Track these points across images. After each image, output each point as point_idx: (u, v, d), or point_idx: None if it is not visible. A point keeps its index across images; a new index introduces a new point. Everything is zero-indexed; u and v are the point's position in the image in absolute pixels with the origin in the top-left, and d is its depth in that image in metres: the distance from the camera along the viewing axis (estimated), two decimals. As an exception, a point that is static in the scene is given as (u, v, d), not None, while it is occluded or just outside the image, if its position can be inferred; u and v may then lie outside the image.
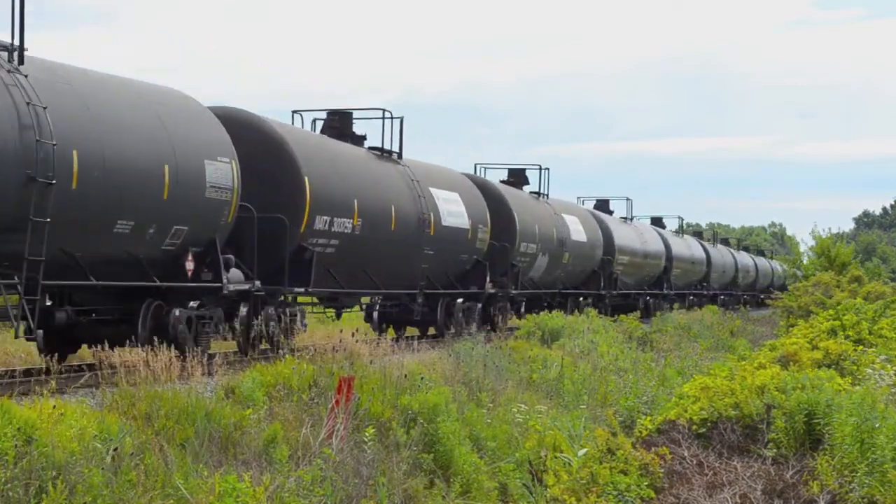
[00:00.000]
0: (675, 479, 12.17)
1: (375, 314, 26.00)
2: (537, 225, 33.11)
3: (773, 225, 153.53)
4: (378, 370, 15.04)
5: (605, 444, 12.59)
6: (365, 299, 25.63)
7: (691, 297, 55.61)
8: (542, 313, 29.69)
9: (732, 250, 71.57)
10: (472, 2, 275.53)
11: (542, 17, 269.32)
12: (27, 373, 15.97)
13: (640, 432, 13.76)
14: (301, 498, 10.51)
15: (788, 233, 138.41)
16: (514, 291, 30.85)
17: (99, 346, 14.98)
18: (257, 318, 18.48)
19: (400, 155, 25.42)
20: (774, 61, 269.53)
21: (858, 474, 11.09)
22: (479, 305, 28.59)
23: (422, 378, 14.84)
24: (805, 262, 56.28)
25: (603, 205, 47.92)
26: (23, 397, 11.95)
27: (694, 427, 13.38)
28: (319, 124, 24.35)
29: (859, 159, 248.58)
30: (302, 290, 20.09)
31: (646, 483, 11.95)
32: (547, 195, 36.52)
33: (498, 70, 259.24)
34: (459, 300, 27.62)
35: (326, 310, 24.49)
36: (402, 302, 25.87)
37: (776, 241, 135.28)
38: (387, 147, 25.02)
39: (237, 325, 18.21)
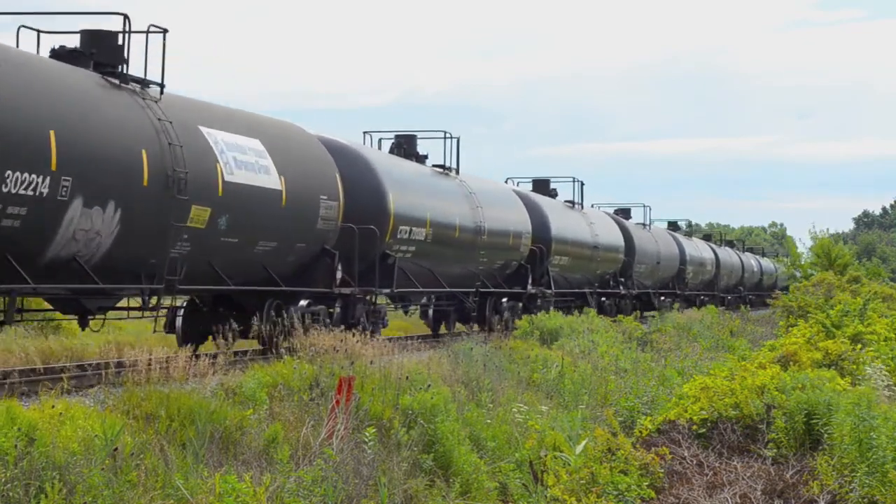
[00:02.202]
0: (676, 479, 12.18)
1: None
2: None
3: (773, 225, 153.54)
4: (378, 370, 15.04)
5: (606, 444, 12.59)
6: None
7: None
8: (540, 313, 29.73)
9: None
10: (472, 2, 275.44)
11: (540, 18, 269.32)
12: (26, 373, 16.00)
13: (641, 432, 13.76)
14: (301, 498, 10.52)
15: (788, 233, 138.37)
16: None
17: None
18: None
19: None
20: (774, 62, 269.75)
21: (858, 474, 11.10)
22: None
23: (429, 385, 14.84)
24: (803, 262, 56.29)
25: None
26: (24, 398, 11.97)
27: (694, 427, 13.38)
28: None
29: (859, 159, 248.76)
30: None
31: (646, 483, 11.95)
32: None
33: (496, 70, 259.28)
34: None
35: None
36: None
37: (776, 241, 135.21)
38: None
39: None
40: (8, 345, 19.74)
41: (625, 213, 50.48)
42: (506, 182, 37.89)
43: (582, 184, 41.21)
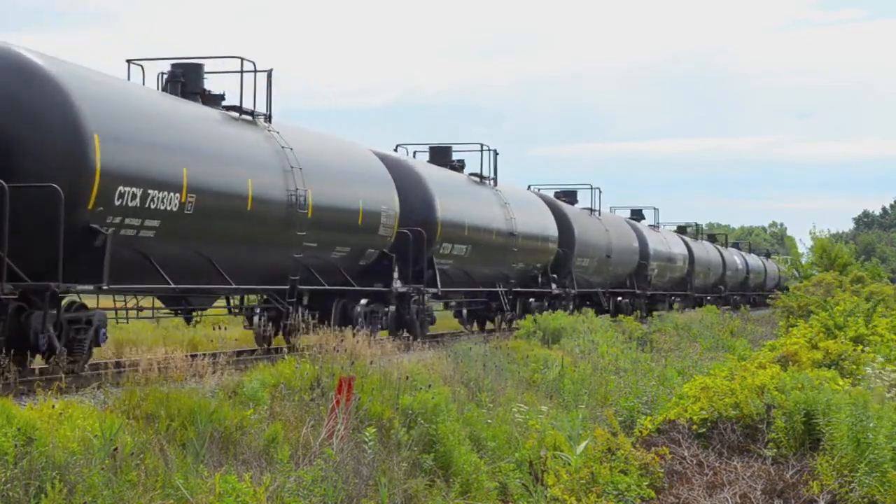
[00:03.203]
0: (676, 479, 12.17)
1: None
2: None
3: (773, 225, 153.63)
4: (378, 370, 15.05)
5: (606, 444, 12.58)
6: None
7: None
8: (545, 313, 29.77)
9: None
10: (472, 2, 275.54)
11: (540, 18, 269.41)
12: (26, 373, 15.97)
13: (641, 432, 13.76)
14: (301, 498, 10.52)
15: (788, 233, 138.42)
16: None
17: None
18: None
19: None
20: (774, 62, 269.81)
21: (858, 474, 11.10)
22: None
23: (429, 385, 14.85)
24: (804, 262, 56.31)
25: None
26: (23, 397, 11.97)
27: (694, 427, 13.38)
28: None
29: (859, 159, 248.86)
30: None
31: (646, 483, 11.95)
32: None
33: (496, 70, 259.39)
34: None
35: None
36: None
37: (776, 241, 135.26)
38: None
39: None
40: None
41: (569, 196, 43.17)
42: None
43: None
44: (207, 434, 11.29)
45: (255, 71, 20.47)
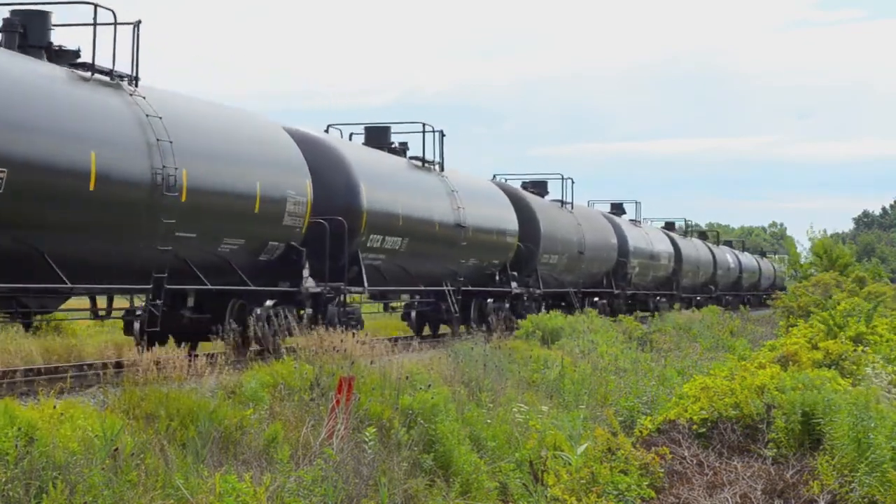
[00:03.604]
0: (676, 479, 12.17)
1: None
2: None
3: (773, 225, 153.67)
4: (378, 370, 15.05)
5: (606, 444, 12.58)
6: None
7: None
8: (549, 312, 29.77)
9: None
10: (472, 2, 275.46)
11: (540, 18, 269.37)
12: (25, 372, 15.99)
13: (641, 432, 13.76)
14: (301, 498, 10.52)
15: (788, 233, 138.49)
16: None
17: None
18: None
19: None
20: (774, 62, 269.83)
21: (858, 474, 11.10)
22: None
23: (429, 385, 14.85)
24: (803, 262, 56.32)
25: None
26: (24, 397, 11.97)
27: (694, 427, 13.38)
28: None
29: (859, 159, 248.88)
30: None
31: (646, 483, 11.94)
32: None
33: (496, 70, 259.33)
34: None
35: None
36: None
37: (776, 241, 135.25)
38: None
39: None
40: (6, 345, 19.75)
41: (539, 187, 38.98)
42: (493, 178, 35.79)
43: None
44: (207, 434, 11.29)
45: (116, 23, 16.83)
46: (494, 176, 35.96)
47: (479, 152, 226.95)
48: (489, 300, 30.68)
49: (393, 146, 27.52)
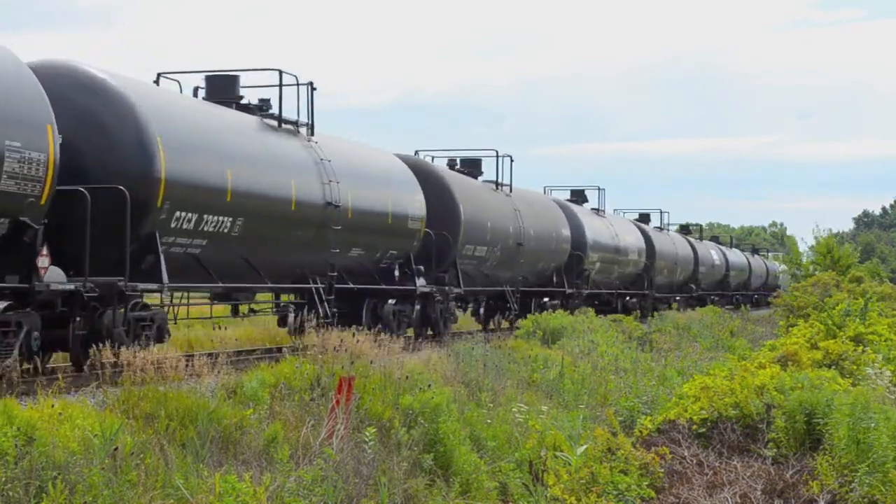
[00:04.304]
0: (676, 479, 12.17)
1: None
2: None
3: (773, 225, 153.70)
4: (378, 370, 15.05)
5: (606, 444, 12.58)
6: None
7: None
8: (545, 313, 29.73)
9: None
10: (472, 2, 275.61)
11: (540, 18, 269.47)
12: (26, 372, 15.97)
13: (641, 432, 13.76)
14: (301, 498, 10.52)
15: (788, 233, 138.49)
16: (456, 290, 30.07)
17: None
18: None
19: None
20: (774, 61, 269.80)
21: (858, 474, 11.10)
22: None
23: (429, 385, 14.85)
24: (805, 261, 56.23)
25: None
26: (24, 397, 11.96)
27: (694, 427, 13.38)
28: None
29: (859, 159, 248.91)
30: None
31: (646, 483, 11.95)
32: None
33: (496, 70, 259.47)
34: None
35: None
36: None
37: (776, 241, 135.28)
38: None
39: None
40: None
41: (470, 166, 32.59)
42: (415, 154, 32.54)
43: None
44: (207, 434, 11.29)
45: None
46: (416, 152, 29.98)
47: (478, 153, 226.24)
48: (391, 301, 24.48)
49: (244, 101, 21.36)
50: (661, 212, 55.55)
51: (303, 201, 20.68)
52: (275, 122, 21.31)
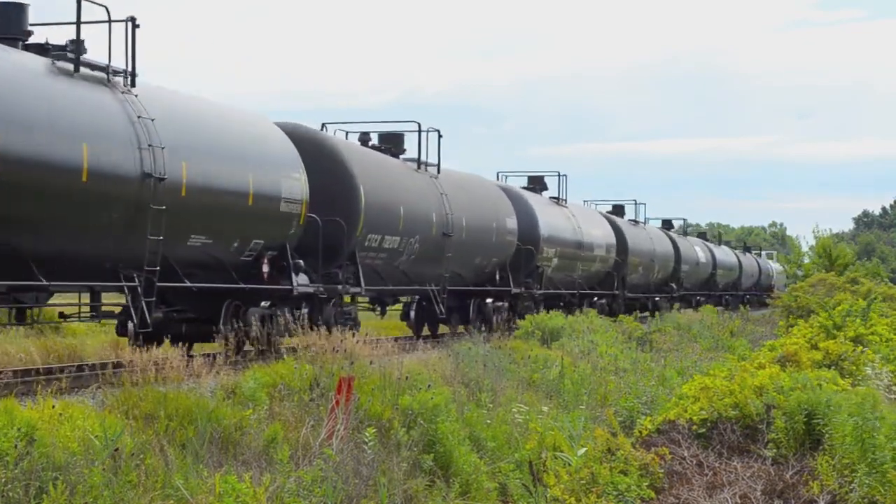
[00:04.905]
0: (675, 480, 12.17)
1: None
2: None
3: (773, 225, 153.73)
4: (378, 370, 15.05)
5: (605, 445, 12.58)
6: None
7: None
8: (551, 312, 29.67)
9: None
10: (472, 2, 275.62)
11: (540, 18, 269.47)
12: (24, 372, 15.99)
13: (640, 432, 13.75)
14: (301, 498, 10.52)
15: (788, 233, 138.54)
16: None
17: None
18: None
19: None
20: (774, 61, 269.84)
21: (858, 474, 11.10)
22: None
23: (429, 385, 14.84)
24: (806, 262, 56.26)
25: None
26: (24, 397, 11.96)
27: (694, 427, 13.37)
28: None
29: (859, 159, 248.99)
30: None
31: (646, 483, 11.95)
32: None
33: (496, 70, 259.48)
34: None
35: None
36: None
37: (776, 241, 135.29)
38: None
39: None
40: (4, 346, 19.77)
41: (392, 142, 26.66)
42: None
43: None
44: (207, 434, 11.30)
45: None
46: (324, 126, 24.91)
47: (480, 153, 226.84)
48: (263, 303, 19.84)
49: (33, 40, 16.60)
50: (636, 203, 49.72)
51: (101, 172, 15.32)
52: (70, 66, 15.89)
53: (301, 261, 20.20)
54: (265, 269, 19.31)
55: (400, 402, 13.95)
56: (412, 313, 28.40)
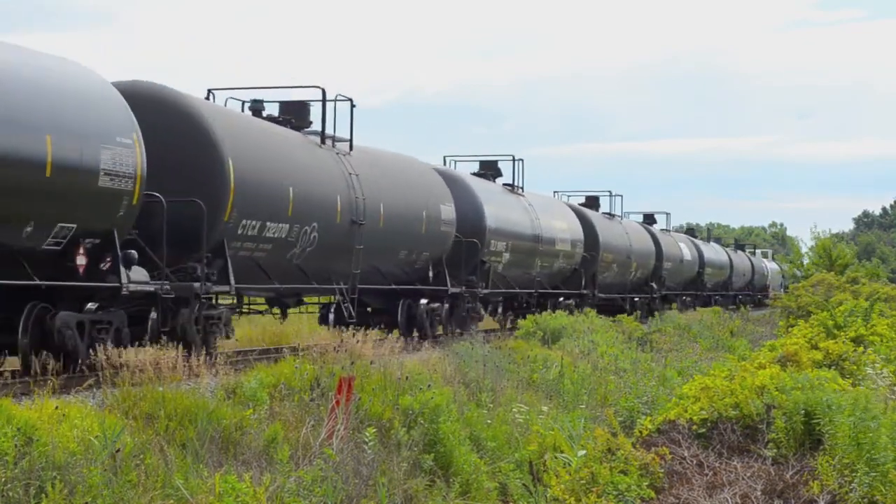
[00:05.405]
0: (676, 479, 12.17)
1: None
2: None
3: (773, 225, 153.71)
4: (379, 370, 15.05)
5: (606, 444, 12.58)
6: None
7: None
8: (544, 313, 29.65)
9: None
10: (472, 2, 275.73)
11: (540, 18, 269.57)
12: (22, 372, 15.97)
13: (640, 432, 13.75)
14: (301, 498, 10.52)
15: (788, 233, 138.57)
16: (484, 291, 26.94)
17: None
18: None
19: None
20: (774, 61, 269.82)
21: (858, 474, 11.10)
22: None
23: (429, 385, 14.84)
24: (806, 262, 56.28)
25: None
26: (23, 397, 11.95)
27: (694, 427, 13.37)
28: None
29: (859, 159, 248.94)
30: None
31: (646, 483, 11.94)
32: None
33: (496, 70, 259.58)
34: (561, 299, 34.09)
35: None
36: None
37: (776, 241, 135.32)
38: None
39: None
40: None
41: (294, 113, 22.21)
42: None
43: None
44: (207, 434, 11.30)
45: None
46: (210, 92, 20.54)
47: (479, 152, 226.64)
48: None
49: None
50: (611, 195, 45.42)
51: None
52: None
53: (134, 251, 15.47)
54: (80, 261, 14.88)
55: (400, 401, 13.95)
56: (331, 316, 23.28)
